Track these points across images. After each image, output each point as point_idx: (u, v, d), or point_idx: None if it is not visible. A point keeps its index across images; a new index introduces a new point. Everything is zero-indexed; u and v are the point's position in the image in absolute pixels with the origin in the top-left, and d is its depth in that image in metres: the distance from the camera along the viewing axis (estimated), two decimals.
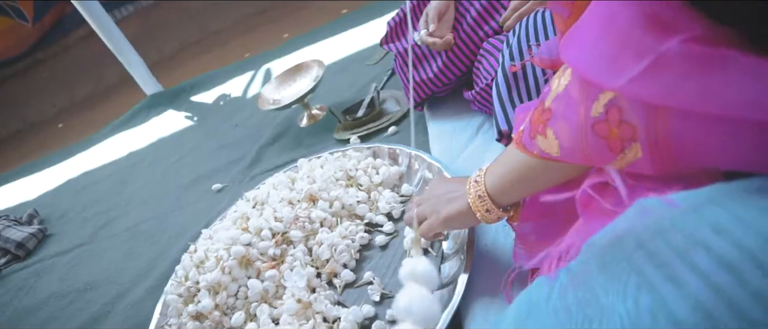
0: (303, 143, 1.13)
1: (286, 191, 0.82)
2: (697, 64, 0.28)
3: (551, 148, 0.41)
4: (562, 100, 0.39)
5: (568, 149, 0.40)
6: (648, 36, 0.30)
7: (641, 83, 0.30)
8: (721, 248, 0.27)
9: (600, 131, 0.36)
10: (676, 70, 0.29)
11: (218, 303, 0.73)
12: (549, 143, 0.41)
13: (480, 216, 0.51)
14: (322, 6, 2.20)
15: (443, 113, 0.93)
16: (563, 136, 0.39)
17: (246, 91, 1.61)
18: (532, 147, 0.43)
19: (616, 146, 0.35)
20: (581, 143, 0.38)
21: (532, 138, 0.43)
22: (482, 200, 0.50)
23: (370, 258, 0.73)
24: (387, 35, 0.99)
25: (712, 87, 0.29)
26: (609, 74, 0.32)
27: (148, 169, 1.48)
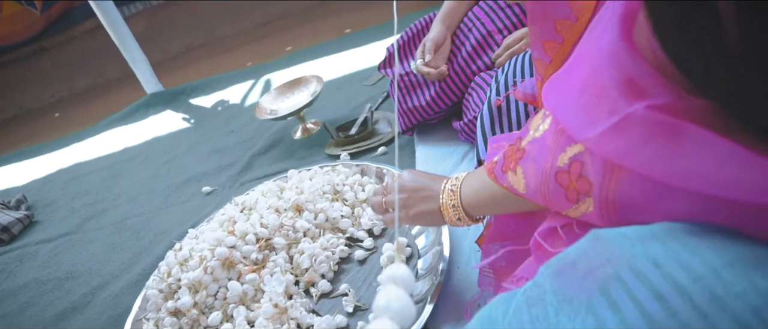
0: (295, 155, 1.17)
1: (273, 199, 0.86)
2: (656, 131, 0.30)
3: (519, 185, 0.44)
4: (536, 144, 0.42)
5: (532, 190, 0.42)
6: (622, 97, 0.31)
7: (606, 140, 0.33)
8: (657, 281, 0.30)
9: (561, 180, 0.39)
10: (636, 132, 0.31)
11: (197, 302, 0.75)
12: (517, 179, 0.44)
13: (449, 221, 0.54)
14: (327, 24, 2.26)
15: (432, 140, 0.98)
16: (530, 177, 0.42)
17: (245, 99, 1.65)
18: (502, 180, 0.46)
19: (572, 197, 0.38)
20: (543, 187, 0.41)
21: (503, 171, 0.46)
22: (455, 210, 0.53)
23: (348, 271, 0.76)
24: (385, 60, 1.04)
25: (665, 154, 0.30)
26: (582, 126, 0.35)
27: (141, 166, 1.51)
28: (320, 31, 2.20)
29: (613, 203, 0.36)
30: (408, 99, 0.98)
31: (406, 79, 0.97)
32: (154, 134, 1.69)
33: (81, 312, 0.97)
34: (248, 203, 0.88)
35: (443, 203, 0.54)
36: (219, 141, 1.42)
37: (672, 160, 0.30)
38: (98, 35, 2.95)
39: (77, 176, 1.63)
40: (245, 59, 2.21)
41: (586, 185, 0.37)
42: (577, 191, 0.38)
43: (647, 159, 0.31)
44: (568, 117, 0.37)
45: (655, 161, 0.31)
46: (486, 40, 0.91)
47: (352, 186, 0.87)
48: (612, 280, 0.32)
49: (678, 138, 0.30)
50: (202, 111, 1.72)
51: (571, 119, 0.36)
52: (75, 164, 1.74)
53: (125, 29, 1.89)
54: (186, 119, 1.70)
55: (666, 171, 0.31)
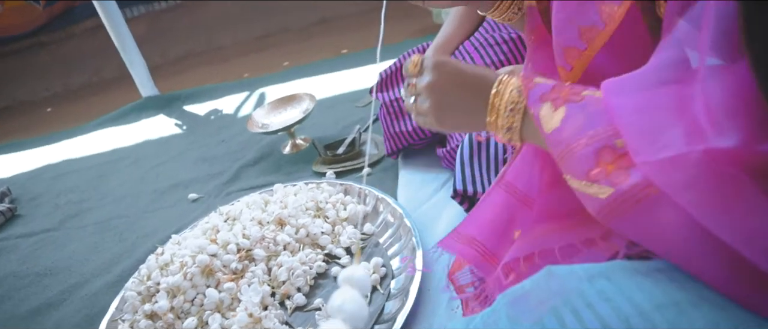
0: (282, 170, 1.19)
1: (257, 212, 0.88)
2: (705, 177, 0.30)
3: (549, 122, 0.39)
4: (599, 105, 0.37)
5: (559, 139, 0.38)
6: (698, 132, 0.30)
7: (663, 169, 0.31)
8: (605, 312, 0.34)
9: (603, 155, 0.35)
10: (690, 172, 0.30)
11: (174, 306, 0.76)
12: (552, 117, 0.39)
13: (495, 121, 0.44)
14: (325, 42, 2.31)
15: (415, 164, 1.01)
16: (569, 125, 0.37)
17: (238, 110, 1.68)
18: (533, 103, 0.41)
19: (597, 176, 0.35)
20: (576, 145, 0.36)
21: (541, 99, 0.40)
22: (509, 133, 0.44)
23: (324, 286, 0.78)
24: (378, 85, 1.08)
25: (713, 204, 0.30)
26: (644, 145, 0.32)
27: (129, 168, 1.52)
28: (318, 48, 2.25)
29: (630, 209, 0.34)
30: (395, 124, 1.01)
31: (396, 105, 1.01)
32: (145, 137, 1.70)
33: (56, 308, 0.97)
34: (232, 214, 0.90)
35: (495, 129, 0.44)
36: (209, 150, 1.44)
37: (719, 213, 0.30)
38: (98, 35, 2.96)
39: (64, 172, 1.64)
40: (242, 70, 2.24)
41: (622, 178, 0.34)
42: (608, 175, 0.34)
43: (693, 201, 0.30)
44: (631, 130, 0.34)
45: (701, 206, 0.30)
46: None
47: (335, 204, 0.89)
48: (562, 306, 0.36)
49: (722, 190, 0.29)
50: (195, 118, 1.74)
51: (634, 133, 0.34)
52: (63, 160, 1.74)
53: (126, 31, 1.91)
54: (178, 125, 1.72)
55: (710, 219, 0.30)
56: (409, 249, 0.75)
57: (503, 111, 0.43)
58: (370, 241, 0.83)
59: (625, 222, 0.35)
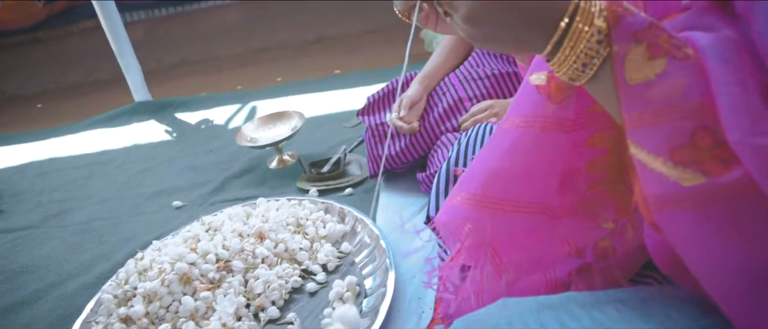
0: (267, 184, 1.22)
1: (239, 224, 0.90)
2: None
3: (640, 72, 0.32)
4: (697, 70, 0.31)
5: (643, 96, 0.32)
6: None
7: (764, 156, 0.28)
8: None
9: (700, 139, 0.30)
10: None
11: (149, 312, 0.77)
12: (646, 68, 0.32)
13: (577, 43, 0.34)
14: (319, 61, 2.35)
15: (396, 188, 1.04)
16: (667, 84, 0.31)
17: (229, 121, 1.70)
18: (622, 39, 0.32)
19: (683, 157, 0.31)
20: (672, 111, 0.31)
21: (634, 37, 0.32)
22: (584, 71, 0.34)
23: (298, 301, 0.80)
24: (365, 108, 1.11)
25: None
26: (749, 124, 0.29)
27: (116, 171, 1.52)
28: (311, 67, 2.29)
29: (714, 204, 0.31)
30: (379, 147, 1.05)
31: (381, 129, 1.05)
32: (134, 141, 1.71)
33: (30, 307, 0.97)
34: (214, 224, 0.92)
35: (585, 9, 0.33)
36: (197, 159, 1.46)
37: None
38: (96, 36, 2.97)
39: (50, 170, 1.63)
40: (236, 82, 2.27)
41: (718, 169, 0.30)
42: (700, 162, 0.30)
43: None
44: (730, 104, 0.30)
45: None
46: (457, 105, 1.00)
47: (315, 222, 0.92)
48: None
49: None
50: (186, 127, 1.75)
51: (733, 108, 0.30)
52: (49, 158, 1.74)
53: (123, 33, 1.92)
54: (168, 132, 1.73)
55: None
56: (382, 269, 0.78)
57: (580, 52, 0.33)
58: (346, 260, 0.85)
59: (691, 219, 0.31)
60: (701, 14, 0.37)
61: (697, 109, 0.30)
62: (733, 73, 0.31)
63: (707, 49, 0.32)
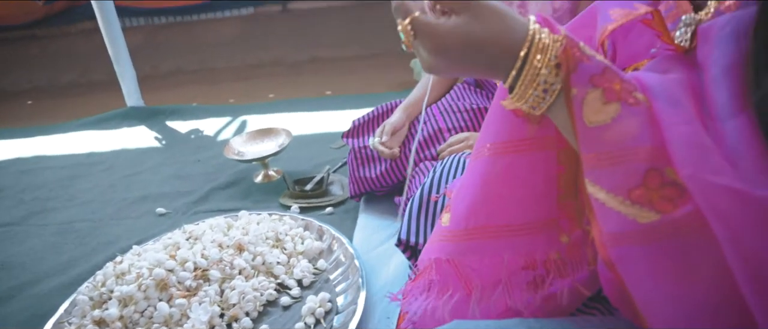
0: (251, 197, 1.24)
1: (219, 235, 0.92)
2: None
3: (595, 116, 0.34)
4: (647, 115, 0.34)
5: (599, 139, 0.34)
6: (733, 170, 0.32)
7: (713, 191, 0.31)
8: None
9: (651, 178, 0.33)
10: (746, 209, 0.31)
11: (124, 316, 0.79)
12: (601, 112, 0.34)
13: (527, 74, 0.36)
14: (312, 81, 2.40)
15: (374, 210, 1.07)
16: (620, 128, 0.34)
17: (218, 133, 1.72)
18: (581, 83, 0.35)
19: (639, 197, 0.33)
20: (626, 153, 0.33)
21: (591, 81, 0.35)
22: (542, 101, 0.37)
23: (271, 313, 0.82)
24: (350, 131, 1.15)
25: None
26: (698, 160, 0.32)
27: (102, 173, 1.53)
28: (304, 86, 2.34)
29: (666, 239, 0.33)
30: (361, 169, 1.08)
31: (363, 152, 1.08)
32: (123, 145, 1.72)
33: (3, 304, 0.97)
34: (196, 233, 0.93)
35: (518, 101, 0.38)
36: (184, 168, 1.47)
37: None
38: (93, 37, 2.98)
39: (35, 168, 1.63)
40: (229, 95, 2.30)
41: (668, 207, 0.32)
42: (652, 201, 0.32)
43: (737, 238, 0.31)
44: (680, 141, 0.32)
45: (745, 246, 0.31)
46: (436, 134, 1.04)
47: (293, 237, 0.94)
48: None
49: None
50: (175, 135, 1.77)
51: (683, 144, 0.32)
52: (35, 155, 1.73)
53: (121, 38, 1.93)
54: (158, 139, 1.74)
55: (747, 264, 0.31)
56: (354, 288, 0.80)
57: (536, 90, 0.36)
58: (321, 276, 0.88)
59: (646, 255, 0.33)
60: (665, 61, 0.42)
61: (648, 152, 0.33)
62: (680, 113, 0.34)
63: (656, 91, 0.35)
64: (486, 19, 0.36)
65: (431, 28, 0.38)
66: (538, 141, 0.43)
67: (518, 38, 0.36)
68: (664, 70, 0.41)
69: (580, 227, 0.46)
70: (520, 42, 0.36)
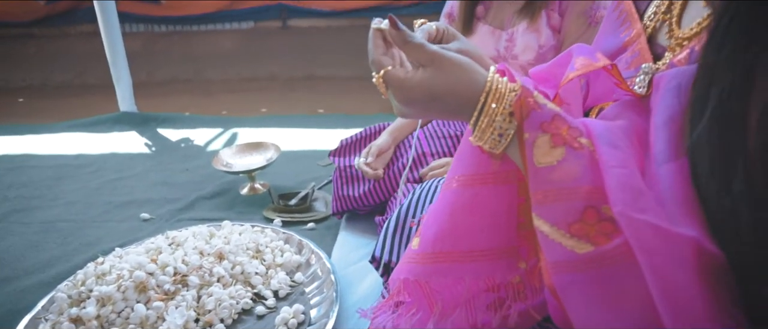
0: (235, 208, 1.27)
1: (201, 242, 0.95)
2: None
3: (542, 158, 0.39)
4: (589, 159, 0.39)
5: (546, 178, 0.39)
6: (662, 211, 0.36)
7: (640, 228, 0.35)
8: None
9: (588, 216, 0.38)
10: (668, 245, 0.35)
11: (100, 315, 0.81)
12: (547, 155, 0.39)
13: (483, 122, 0.42)
14: (305, 98, 2.46)
15: (355, 228, 1.11)
16: (564, 171, 0.38)
17: (208, 144, 1.76)
18: (532, 129, 0.40)
19: (578, 230, 0.38)
20: (564, 193, 0.38)
21: (541, 127, 0.40)
22: (499, 142, 0.42)
23: (246, 322, 0.85)
24: (337, 150, 1.20)
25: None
26: (630, 199, 0.36)
27: (89, 176, 1.56)
28: (297, 103, 2.39)
29: (600, 268, 0.37)
30: (345, 188, 1.12)
31: (348, 172, 1.13)
32: (112, 149, 1.75)
33: None
34: (178, 239, 0.97)
35: (478, 137, 0.43)
36: (171, 175, 1.51)
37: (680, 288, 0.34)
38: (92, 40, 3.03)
39: (21, 166, 1.65)
40: (221, 107, 2.35)
41: (602, 240, 0.37)
42: (588, 235, 0.37)
43: (660, 271, 0.35)
44: (615, 181, 0.37)
45: (666, 278, 0.35)
46: (420, 158, 1.09)
47: (273, 250, 0.98)
48: None
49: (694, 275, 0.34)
50: (166, 143, 1.81)
51: (617, 184, 0.37)
52: (23, 154, 1.76)
53: (120, 43, 1.98)
54: (148, 145, 1.78)
55: (668, 293, 0.35)
56: (328, 302, 0.84)
57: (494, 133, 0.42)
58: (297, 289, 0.91)
59: (582, 282, 0.38)
60: (622, 105, 0.48)
61: (587, 192, 0.38)
62: (618, 157, 0.39)
63: (600, 136, 0.40)
64: (449, 72, 0.42)
65: (400, 81, 0.44)
66: (501, 175, 0.48)
67: (477, 89, 0.42)
68: (616, 115, 0.47)
69: (537, 255, 0.51)
70: (479, 92, 0.42)
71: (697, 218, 0.35)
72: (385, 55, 0.46)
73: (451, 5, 1.16)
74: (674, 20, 0.50)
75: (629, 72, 0.52)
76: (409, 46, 0.44)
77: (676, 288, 0.34)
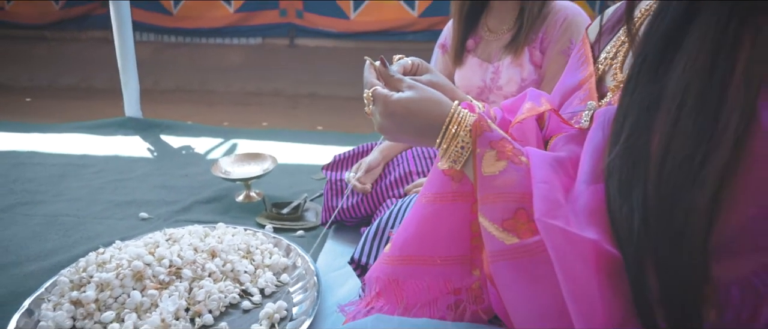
0: (230, 214, 1.37)
1: (196, 240, 1.05)
2: None
3: (488, 166, 0.51)
4: (525, 172, 0.50)
5: (489, 184, 0.50)
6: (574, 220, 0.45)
7: (551, 231, 0.45)
8: None
9: (520, 215, 0.49)
10: (568, 244, 0.44)
11: (99, 298, 0.90)
12: (492, 164, 0.51)
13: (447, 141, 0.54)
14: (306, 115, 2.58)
15: (341, 238, 1.21)
16: (503, 180, 0.49)
17: (208, 152, 1.87)
18: (482, 145, 0.52)
19: (509, 225, 0.48)
20: (501, 196, 0.49)
21: (489, 145, 0.52)
22: (456, 162, 0.54)
23: (232, 314, 0.93)
24: (329, 164, 1.30)
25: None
26: (547, 210, 0.46)
27: (92, 175, 1.66)
28: (297, 119, 2.51)
29: (521, 258, 0.48)
30: (335, 200, 1.23)
31: (339, 185, 1.23)
32: (116, 152, 1.86)
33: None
34: (175, 236, 1.06)
35: (444, 159, 0.55)
36: (171, 179, 1.61)
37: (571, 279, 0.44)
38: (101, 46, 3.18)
39: (27, 163, 1.76)
40: (223, 118, 2.47)
41: (527, 235, 0.47)
42: (517, 230, 0.48)
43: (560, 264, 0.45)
44: (539, 195, 0.47)
45: (565, 270, 0.44)
46: (406, 176, 1.20)
47: (263, 251, 1.07)
48: None
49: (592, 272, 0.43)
50: (167, 149, 1.92)
51: (540, 197, 0.47)
52: (30, 151, 1.87)
53: (132, 51, 2.10)
54: (150, 150, 1.89)
55: (565, 282, 0.45)
56: (310, 300, 0.93)
57: (455, 149, 0.54)
58: (282, 289, 1.00)
59: (510, 269, 0.48)
60: (568, 138, 0.59)
61: (520, 196, 0.49)
62: (545, 176, 0.49)
63: (535, 159, 0.51)
64: (424, 98, 0.55)
65: (384, 97, 0.56)
66: (458, 195, 0.60)
67: (445, 113, 0.55)
68: (562, 145, 0.58)
69: None
70: (445, 116, 0.54)
71: (601, 227, 0.45)
72: (376, 79, 0.59)
73: (445, 36, 1.29)
74: (618, 66, 0.62)
75: (580, 107, 0.63)
76: (392, 79, 0.58)
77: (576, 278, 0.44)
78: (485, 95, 1.19)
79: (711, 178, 0.39)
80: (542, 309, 0.48)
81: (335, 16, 3.23)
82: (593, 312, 0.42)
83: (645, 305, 0.42)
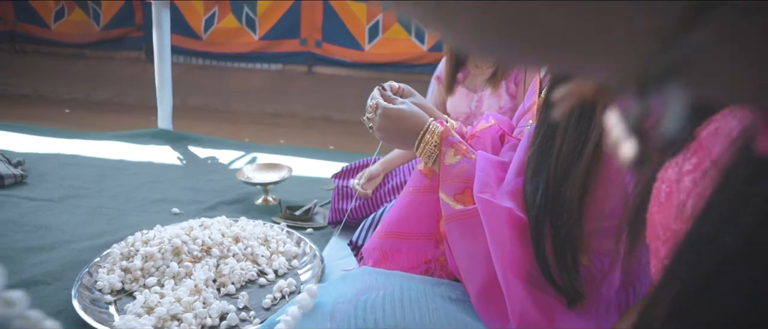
0: (249, 214, 1.59)
1: (224, 227, 1.27)
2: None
3: (448, 159, 0.73)
4: (473, 164, 0.74)
5: (449, 170, 0.73)
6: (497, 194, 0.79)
7: (482, 202, 0.71)
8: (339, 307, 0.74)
9: (466, 192, 0.73)
10: (490, 210, 0.72)
11: (143, 267, 1.12)
12: (451, 157, 0.74)
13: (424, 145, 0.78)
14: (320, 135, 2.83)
15: (345, 236, 1.41)
16: (458, 168, 0.73)
17: (231, 163, 2.11)
18: (446, 145, 0.75)
19: (457, 198, 0.73)
20: (456, 178, 0.72)
21: (450, 145, 0.75)
22: (429, 160, 0.77)
23: (249, 287, 1.15)
24: (338, 173, 1.53)
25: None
26: (480, 188, 0.71)
27: (128, 177, 1.91)
28: (311, 138, 2.76)
29: (463, 221, 0.72)
30: (341, 203, 1.44)
31: (345, 190, 1.45)
32: (149, 158, 2.11)
33: (47, 252, 1.30)
34: (206, 223, 1.29)
35: (421, 158, 0.79)
36: (198, 182, 1.85)
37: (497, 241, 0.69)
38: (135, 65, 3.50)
39: (71, 164, 2.01)
40: (244, 135, 2.72)
41: (468, 203, 0.70)
42: (463, 201, 0.71)
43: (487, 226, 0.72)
44: (478, 178, 0.70)
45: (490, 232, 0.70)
46: (402, 185, 1.41)
47: (278, 241, 1.29)
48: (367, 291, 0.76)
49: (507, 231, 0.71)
50: (195, 158, 2.16)
51: (477, 180, 0.71)
52: (73, 154, 2.13)
53: (168, 71, 2.38)
54: (180, 159, 2.14)
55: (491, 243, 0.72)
56: (315, 278, 1.14)
57: (428, 148, 0.77)
58: (292, 271, 1.21)
59: (457, 228, 0.69)
60: (512, 145, 0.82)
61: (467, 179, 0.72)
62: (483, 167, 0.71)
63: (480, 156, 0.74)
64: (411, 110, 0.80)
65: (385, 105, 0.81)
66: (430, 188, 0.84)
67: (423, 123, 0.79)
68: (506, 151, 0.80)
69: None
70: (423, 125, 0.79)
71: (517, 202, 0.68)
72: (380, 98, 0.85)
73: (440, 69, 1.53)
74: None
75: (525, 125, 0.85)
76: (389, 98, 0.85)
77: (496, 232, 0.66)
78: (471, 119, 1.41)
79: (582, 166, 0.60)
80: (477, 255, 0.70)
81: (351, 47, 3.51)
82: (504, 254, 0.64)
83: (542, 254, 0.63)
